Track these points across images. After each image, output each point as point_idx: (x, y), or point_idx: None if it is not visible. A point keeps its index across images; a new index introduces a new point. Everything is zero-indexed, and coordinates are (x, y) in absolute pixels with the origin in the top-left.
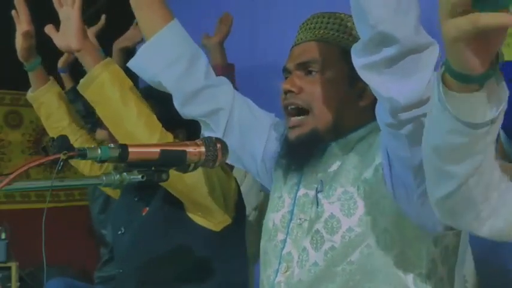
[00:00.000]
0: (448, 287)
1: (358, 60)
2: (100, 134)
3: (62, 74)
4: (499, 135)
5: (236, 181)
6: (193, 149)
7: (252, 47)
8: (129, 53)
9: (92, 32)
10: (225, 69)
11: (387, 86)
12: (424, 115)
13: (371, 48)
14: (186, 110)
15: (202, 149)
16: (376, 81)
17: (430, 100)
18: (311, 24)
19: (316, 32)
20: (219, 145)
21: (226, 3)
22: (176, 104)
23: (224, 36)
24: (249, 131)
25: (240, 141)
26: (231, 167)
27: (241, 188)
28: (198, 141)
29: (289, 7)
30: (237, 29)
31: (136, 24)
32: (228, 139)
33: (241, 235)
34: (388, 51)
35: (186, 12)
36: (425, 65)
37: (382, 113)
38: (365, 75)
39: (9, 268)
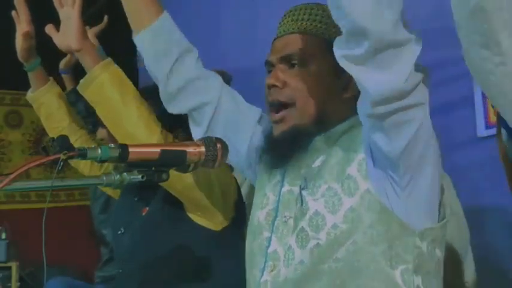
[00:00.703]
0: (435, 280)
1: (337, 51)
2: (101, 133)
3: (63, 75)
4: (501, 136)
5: (236, 181)
6: (193, 149)
7: (252, 47)
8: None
9: (93, 32)
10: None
11: (366, 77)
12: (406, 107)
13: (350, 41)
14: (174, 104)
15: (202, 149)
16: (356, 71)
17: None
18: (293, 16)
19: (299, 24)
20: (219, 145)
21: (226, 3)
22: (164, 97)
23: None
24: (234, 126)
25: (224, 135)
26: (232, 168)
27: (242, 189)
28: (198, 141)
29: (288, 6)
30: (237, 29)
31: None
32: (212, 133)
33: (242, 234)
34: (366, 44)
35: (185, 11)
36: (405, 60)
37: (363, 104)
38: (344, 65)
39: (9, 268)
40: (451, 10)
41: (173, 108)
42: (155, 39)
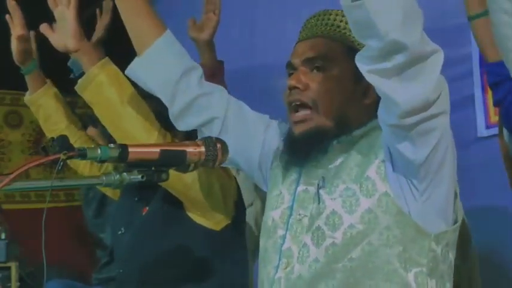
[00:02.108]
0: (448, 284)
1: (363, 67)
2: (90, 132)
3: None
4: (502, 135)
5: (236, 181)
6: (193, 149)
7: (251, 47)
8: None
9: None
10: (213, 70)
11: (395, 88)
12: (431, 117)
13: (381, 57)
14: (182, 122)
15: (202, 149)
16: (384, 85)
17: None
18: (317, 20)
19: (323, 29)
20: (219, 145)
21: (225, 2)
22: (171, 116)
23: (214, 31)
24: (244, 136)
25: (234, 147)
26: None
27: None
28: (198, 141)
29: (288, 6)
30: (236, 28)
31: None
32: None
33: (242, 234)
34: (398, 59)
35: (183, 10)
36: (430, 70)
37: (385, 114)
38: (372, 79)
39: (8, 268)
40: (451, 10)
41: (181, 126)
42: (155, 62)
